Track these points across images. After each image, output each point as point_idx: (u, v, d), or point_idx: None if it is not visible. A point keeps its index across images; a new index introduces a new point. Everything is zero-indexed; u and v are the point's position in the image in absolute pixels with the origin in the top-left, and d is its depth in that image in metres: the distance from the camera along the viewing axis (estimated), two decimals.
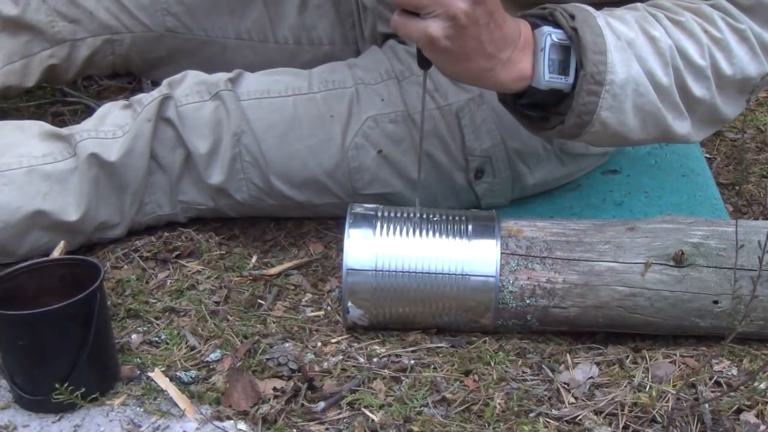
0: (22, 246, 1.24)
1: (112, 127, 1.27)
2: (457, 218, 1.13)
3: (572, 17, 1.04)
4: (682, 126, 1.10)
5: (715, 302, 1.08)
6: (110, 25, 1.52)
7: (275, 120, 1.28)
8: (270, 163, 1.28)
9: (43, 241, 1.25)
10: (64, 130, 1.28)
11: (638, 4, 1.11)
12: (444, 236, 1.10)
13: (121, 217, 1.29)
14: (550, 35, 1.04)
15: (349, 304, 1.11)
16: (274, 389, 1.02)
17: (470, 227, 1.12)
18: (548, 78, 1.04)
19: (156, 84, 1.34)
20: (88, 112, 1.36)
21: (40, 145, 1.26)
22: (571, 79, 1.04)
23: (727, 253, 1.08)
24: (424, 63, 1.05)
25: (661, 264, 1.08)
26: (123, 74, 1.68)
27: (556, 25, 1.05)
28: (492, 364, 1.08)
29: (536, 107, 1.09)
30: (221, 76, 1.30)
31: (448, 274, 1.09)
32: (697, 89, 1.08)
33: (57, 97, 1.69)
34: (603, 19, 1.05)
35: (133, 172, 1.27)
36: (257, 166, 1.28)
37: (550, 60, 1.04)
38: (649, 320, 1.10)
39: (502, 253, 1.10)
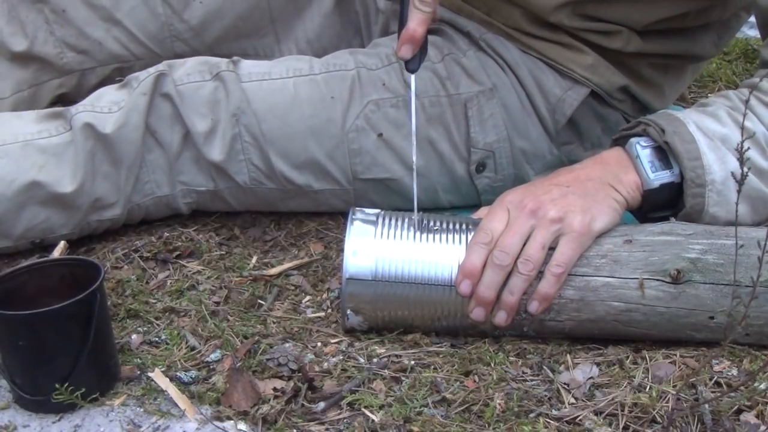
0: (18, 224, 1.24)
1: (108, 103, 1.28)
2: (457, 226, 1.12)
3: (663, 131, 1.11)
4: None
5: (711, 317, 1.07)
6: (119, 54, 1.53)
7: (276, 101, 1.28)
8: (270, 143, 1.28)
9: (39, 218, 1.24)
10: (60, 109, 1.29)
11: (730, 92, 1.16)
12: (444, 244, 1.10)
13: (117, 195, 1.28)
14: (638, 143, 1.14)
15: (348, 312, 1.11)
16: (274, 389, 1.02)
17: (470, 236, 1.11)
18: (654, 177, 1.12)
19: None
20: None
21: (37, 125, 1.27)
22: (677, 169, 1.12)
23: (725, 268, 1.07)
24: (411, 67, 1.05)
25: (657, 280, 1.07)
26: None
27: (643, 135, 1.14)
28: (492, 364, 1.08)
29: (661, 209, 1.16)
30: (223, 59, 1.31)
31: (449, 283, 1.08)
32: None
33: None
34: (693, 123, 1.12)
35: (128, 146, 1.26)
36: (257, 146, 1.28)
37: (650, 162, 1.12)
38: (645, 332, 1.09)
39: None
